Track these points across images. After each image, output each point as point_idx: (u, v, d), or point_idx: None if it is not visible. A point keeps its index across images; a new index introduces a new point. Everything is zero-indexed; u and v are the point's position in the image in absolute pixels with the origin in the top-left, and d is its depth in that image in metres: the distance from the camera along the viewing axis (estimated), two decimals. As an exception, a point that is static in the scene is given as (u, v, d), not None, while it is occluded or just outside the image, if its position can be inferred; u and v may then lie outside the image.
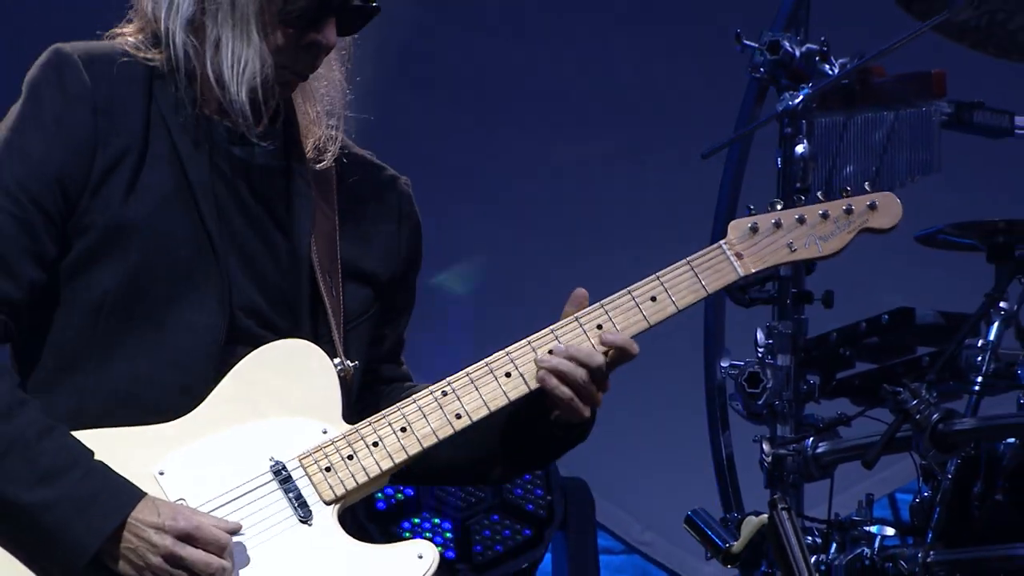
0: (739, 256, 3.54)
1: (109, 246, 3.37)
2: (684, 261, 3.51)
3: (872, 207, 3.64)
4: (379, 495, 5.92)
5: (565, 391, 3.44)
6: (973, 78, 5.61)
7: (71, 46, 3.40)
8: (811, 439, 5.28)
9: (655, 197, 7.61)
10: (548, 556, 7.03)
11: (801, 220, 3.57)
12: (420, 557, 3.38)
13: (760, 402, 5.32)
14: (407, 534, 6.66)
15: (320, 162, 3.49)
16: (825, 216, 3.59)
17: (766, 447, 5.33)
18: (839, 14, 5.83)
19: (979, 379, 5.14)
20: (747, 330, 5.41)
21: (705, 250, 3.53)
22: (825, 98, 5.34)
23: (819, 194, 3.62)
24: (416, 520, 6.78)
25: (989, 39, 5.43)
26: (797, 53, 5.34)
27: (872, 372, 5.50)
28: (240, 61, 3.38)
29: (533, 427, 3.54)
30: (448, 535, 6.81)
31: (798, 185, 5.32)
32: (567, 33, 7.75)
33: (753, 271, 3.55)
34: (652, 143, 7.57)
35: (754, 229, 3.55)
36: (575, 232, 7.82)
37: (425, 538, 6.42)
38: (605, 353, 3.46)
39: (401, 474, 3.53)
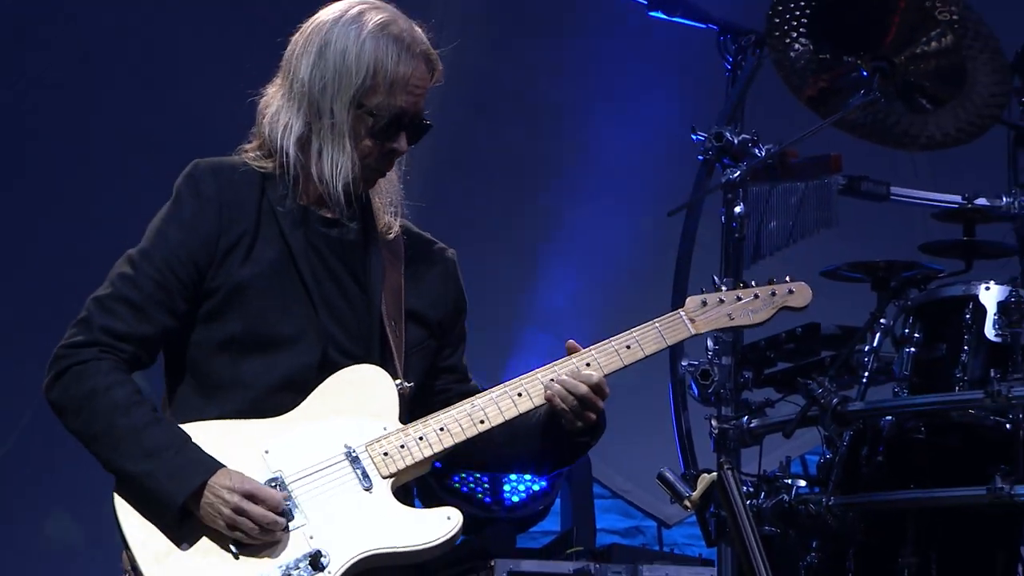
0: (692, 320, 3.75)
1: (232, 302, 3.59)
2: (652, 322, 3.72)
3: (790, 292, 3.82)
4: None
5: (570, 400, 3.61)
6: (861, 159, 5.80)
7: (206, 161, 3.66)
8: (746, 417, 5.49)
9: (635, 243, 7.79)
10: (557, 501, 7.49)
11: (738, 299, 3.77)
12: (449, 518, 3.56)
13: (710, 390, 5.49)
14: (456, 484, 7.04)
15: (389, 236, 3.70)
16: (756, 297, 3.78)
17: (714, 423, 5.50)
18: (765, 113, 5.89)
19: (866, 374, 5.37)
20: (700, 340, 5.28)
21: (668, 315, 3.73)
22: (755, 173, 5.51)
23: (752, 282, 3.82)
24: (463, 475, 7.12)
25: (872, 132, 5.63)
26: (735, 141, 5.53)
27: (789, 369, 5.72)
28: (338, 165, 3.57)
29: (556, 437, 3.71)
30: (485, 485, 7.20)
31: (737, 235, 5.52)
32: (570, 117, 7.97)
33: (702, 331, 3.77)
34: (632, 204, 7.74)
35: (704, 303, 3.76)
36: (583, 270, 8.02)
37: (468, 487, 7.07)
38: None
39: (455, 461, 3.78)
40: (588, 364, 3.65)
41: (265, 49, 3.77)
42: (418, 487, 3.75)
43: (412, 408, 3.65)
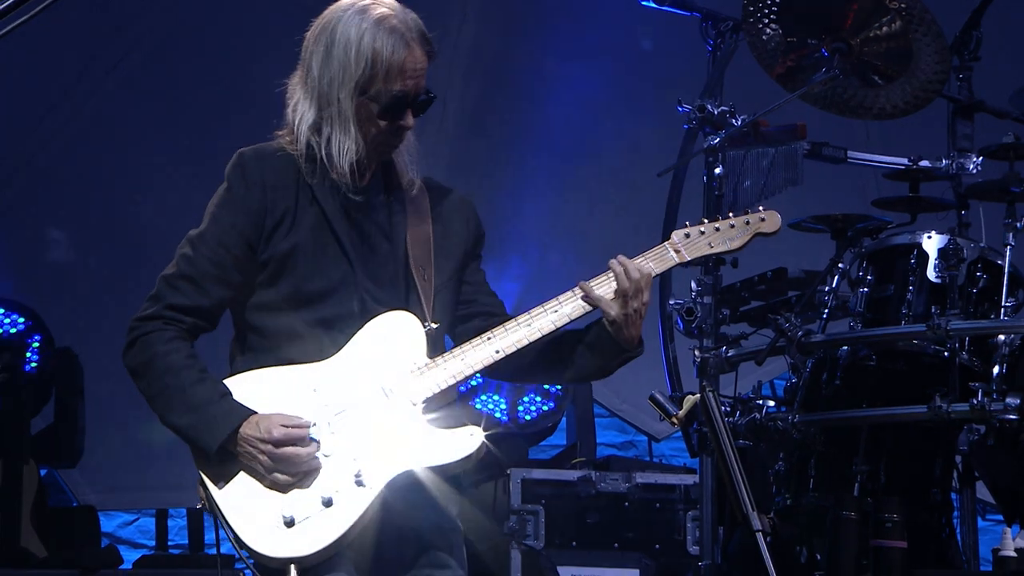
0: (677, 251, 3.72)
1: (282, 268, 3.62)
2: (643, 254, 3.69)
3: (762, 219, 3.80)
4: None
5: (626, 282, 3.54)
6: (822, 127, 5.82)
7: (249, 149, 3.66)
8: (724, 348, 5.48)
9: (629, 201, 7.79)
10: (563, 419, 7.65)
11: (716, 229, 3.76)
12: (472, 435, 3.58)
13: (693, 325, 5.47)
14: (478, 405, 7.17)
15: (412, 192, 3.71)
16: (732, 226, 3.78)
17: (697, 352, 5.49)
18: (740, 87, 5.80)
19: (826, 311, 5.43)
20: (685, 282, 5.52)
21: (656, 247, 3.72)
22: (732, 140, 5.51)
23: (730, 213, 3.82)
24: (484, 397, 7.24)
25: (832, 104, 5.63)
26: (715, 112, 5.51)
27: (761, 307, 5.81)
28: (343, 146, 3.57)
29: (598, 345, 3.65)
30: (503, 406, 7.28)
31: (716, 193, 5.48)
32: (573, 101, 7.83)
33: (687, 260, 3.73)
34: (628, 168, 7.76)
35: (687, 236, 3.74)
36: (587, 224, 8.05)
37: (488, 408, 7.18)
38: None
39: (501, 376, 3.77)
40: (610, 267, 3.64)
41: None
42: (445, 410, 3.68)
43: (450, 330, 3.72)
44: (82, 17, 7.27)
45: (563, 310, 3.61)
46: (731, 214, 3.79)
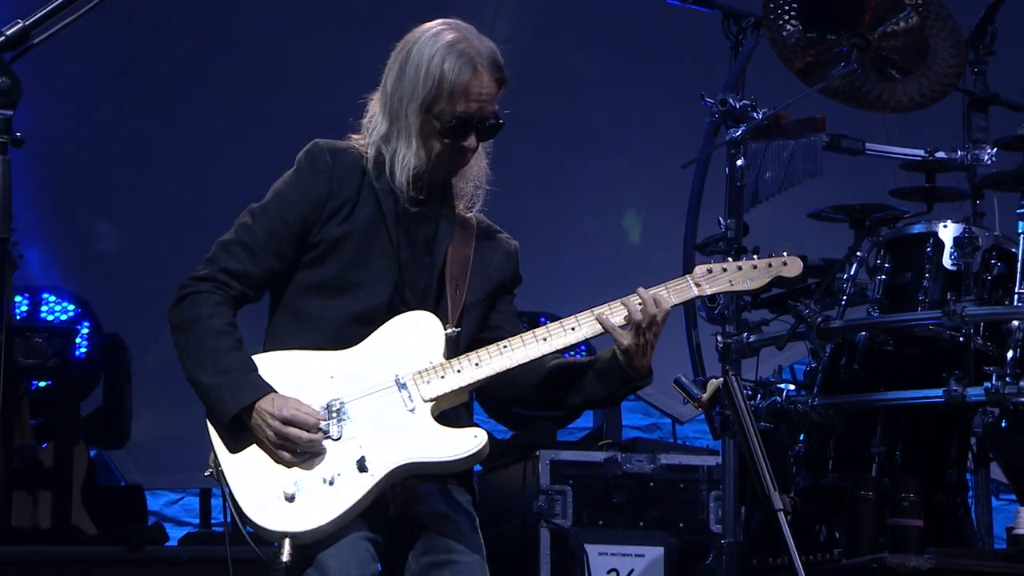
0: (698, 285, 3.72)
1: (329, 252, 3.68)
2: (664, 284, 3.68)
3: (784, 264, 3.79)
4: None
5: (638, 314, 3.55)
6: (841, 120, 5.81)
7: (324, 141, 3.73)
8: (746, 333, 5.49)
9: (654, 193, 7.85)
10: None
11: (739, 268, 3.76)
12: (475, 437, 3.57)
13: (716, 312, 5.46)
14: None
15: (467, 214, 3.77)
16: (755, 267, 3.76)
17: (719, 338, 5.49)
18: (762, 82, 5.82)
19: (844, 298, 5.41)
20: None
21: (677, 279, 3.70)
22: (754, 132, 5.52)
23: (754, 255, 3.82)
24: None
25: (851, 97, 5.61)
26: (737, 106, 5.51)
27: (781, 294, 5.70)
28: (405, 159, 3.64)
29: (607, 373, 3.65)
30: None
31: (738, 184, 5.48)
32: (598, 87, 7.91)
33: (706, 294, 3.72)
34: (652, 159, 7.69)
35: (709, 271, 3.74)
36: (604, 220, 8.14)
37: None
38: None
39: (502, 396, 3.78)
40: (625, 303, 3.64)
41: (363, 44, 3.80)
42: (477, 393, 3.71)
43: (469, 350, 3.69)
44: (128, 9, 7.30)
45: (580, 330, 3.63)
46: (755, 255, 3.82)
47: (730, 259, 3.80)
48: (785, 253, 3.79)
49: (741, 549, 5.40)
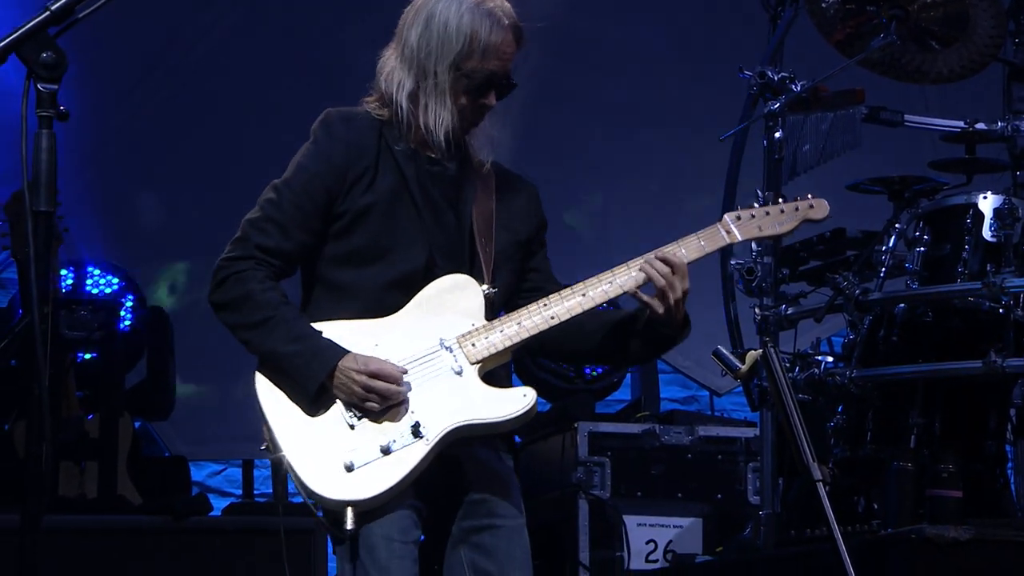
0: (728, 231, 3.73)
1: (357, 222, 3.67)
2: (694, 233, 3.71)
3: (811, 206, 3.80)
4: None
5: (666, 273, 3.59)
6: (880, 92, 5.76)
7: (336, 110, 3.73)
8: (784, 306, 5.51)
9: (693, 163, 7.73)
10: (628, 375, 7.73)
11: (767, 213, 3.77)
12: (524, 395, 3.61)
13: (754, 284, 5.48)
14: (547, 362, 7.11)
15: (483, 171, 3.76)
16: (782, 211, 3.78)
17: (757, 311, 5.51)
18: (801, 54, 5.85)
19: (883, 270, 5.40)
20: (746, 243, 4.90)
21: (707, 228, 3.72)
22: (792, 104, 5.50)
23: (780, 199, 3.82)
24: None
25: (890, 69, 5.60)
26: (776, 78, 5.50)
27: (820, 266, 5.74)
28: (440, 117, 3.64)
29: (640, 331, 3.70)
30: None
31: (776, 156, 5.48)
32: (627, 62, 7.89)
33: (738, 240, 3.74)
34: (691, 132, 7.60)
35: (738, 217, 3.75)
36: (641, 194, 8.12)
37: (557, 364, 7.12)
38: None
39: (547, 353, 3.89)
40: (642, 269, 3.68)
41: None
42: (516, 366, 3.88)
43: (507, 308, 3.73)
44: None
45: (617, 281, 3.65)
46: (782, 199, 3.81)
47: (756, 204, 3.79)
48: (810, 196, 3.79)
49: (779, 520, 5.39)
